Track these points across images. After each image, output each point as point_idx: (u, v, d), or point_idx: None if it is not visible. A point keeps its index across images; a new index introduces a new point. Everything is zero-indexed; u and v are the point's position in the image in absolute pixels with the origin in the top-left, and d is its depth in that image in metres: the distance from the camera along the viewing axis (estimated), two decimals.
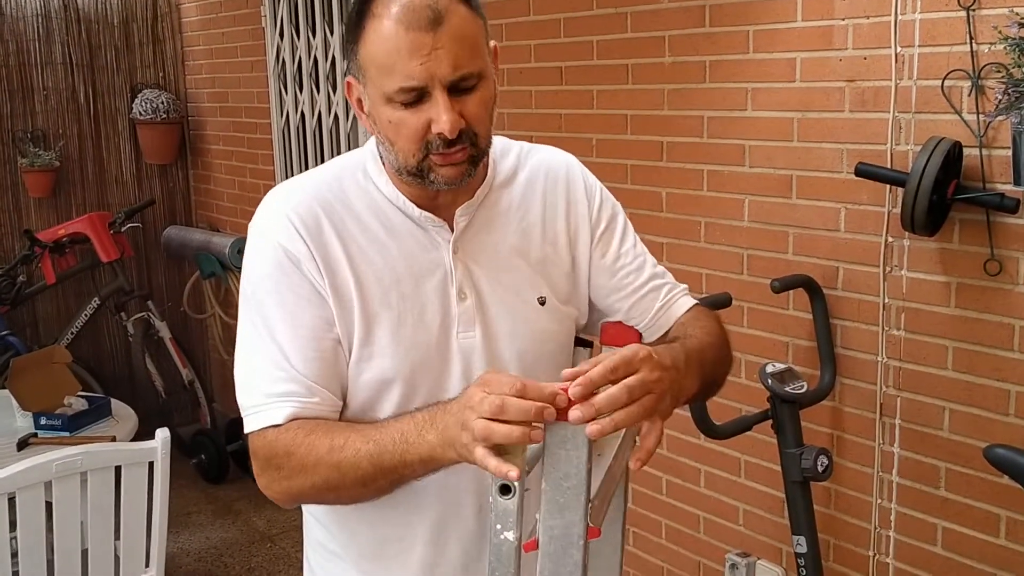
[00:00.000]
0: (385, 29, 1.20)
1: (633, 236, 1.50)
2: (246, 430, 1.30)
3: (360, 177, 1.36)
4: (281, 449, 1.26)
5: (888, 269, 2.28)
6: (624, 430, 1.34)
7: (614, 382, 1.07)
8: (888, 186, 2.23)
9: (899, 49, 2.18)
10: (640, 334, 1.41)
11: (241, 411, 1.31)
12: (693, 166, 2.69)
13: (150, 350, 4.83)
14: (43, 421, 3.02)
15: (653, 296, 1.46)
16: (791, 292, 2.46)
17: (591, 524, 1.07)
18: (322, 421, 1.27)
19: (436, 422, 1.16)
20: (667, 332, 1.45)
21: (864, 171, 2.19)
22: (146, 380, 4.77)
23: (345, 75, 1.31)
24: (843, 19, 2.28)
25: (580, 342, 1.52)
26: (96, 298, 4.79)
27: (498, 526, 1.08)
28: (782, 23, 2.41)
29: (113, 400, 3.32)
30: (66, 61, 4.85)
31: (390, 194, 1.35)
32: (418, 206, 1.34)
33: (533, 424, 1.05)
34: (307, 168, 1.41)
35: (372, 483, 1.22)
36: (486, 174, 1.40)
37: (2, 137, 4.73)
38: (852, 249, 2.35)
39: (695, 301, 1.50)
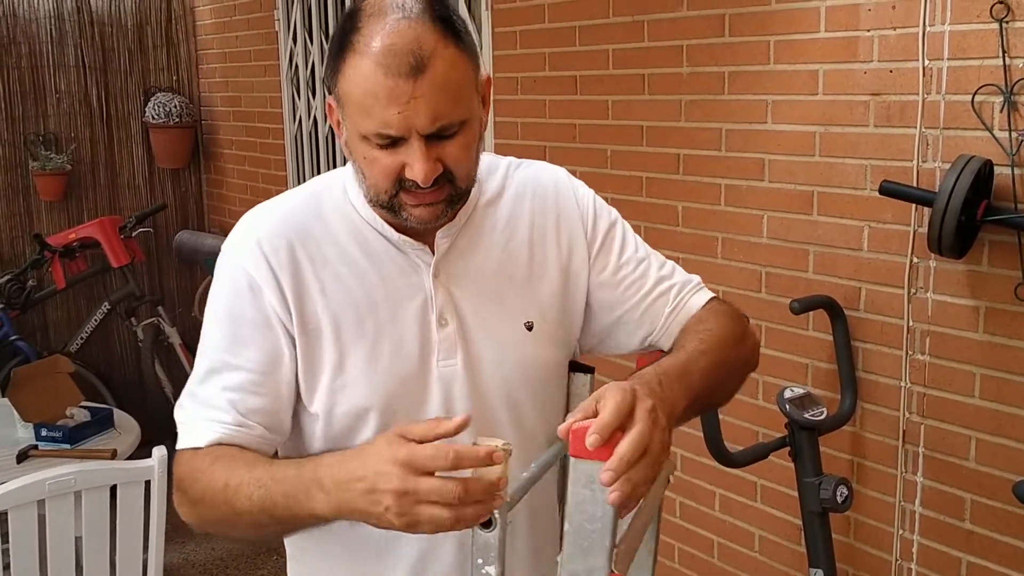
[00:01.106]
0: (365, 69, 1.13)
1: (634, 242, 1.41)
2: (175, 447, 1.27)
3: (339, 198, 1.31)
4: (188, 473, 1.22)
5: (913, 291, 2.19)
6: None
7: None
8: (914, 205, 2.14)
9: (927, 62, 2.09)
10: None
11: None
12: (710, 180, 2.60)
13: (160, 356, 4.78)
14: (44, 433, 2.97)
15: (662, 302, 1.37)
16: (811, 313, 2.37)
17: (615, 571, 1.01)
18: (231, 451, 1.22)
19: (324, 485, 1.09)
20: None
21: (889, 189, 2.10)
22: (156, 386, 4.72)
23: (326, 95, 1.25)
24: (868, 30, 2.19)
25: (579, 367, 1.44)
26: (106, 303, 4.76)
27: (479, 560, 1.03)
28: (805, 33, 2.32)
29: (116, 411, 3.27)
30: (79, 64, 4.82)
31: (368, 216, 1.29)
32: (397, 229, 1.28)
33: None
34: (319, 173, 1.37)
35: (265, 528, 1.19)
36: (474, 180, 1.32)
37: (14, 140, 4.70)
38: (875, 269, 2.26)
39: (709, 296, 1.40)
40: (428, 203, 1.20)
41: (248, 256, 1.26)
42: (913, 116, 2.13)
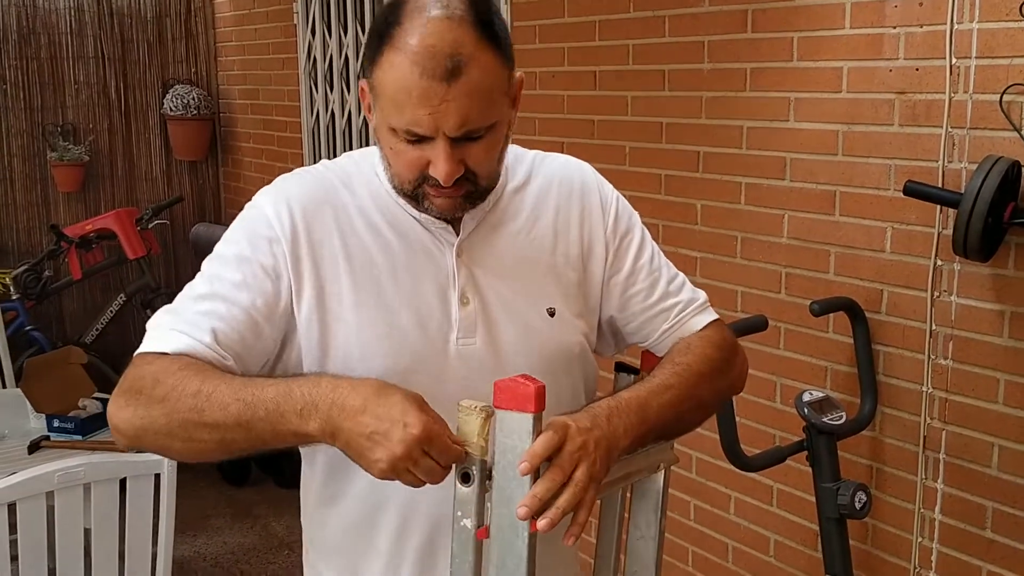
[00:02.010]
0: (401, 66, 1.14)
1: (650, 249, 1.42)
2: (136, 351, 1.22)
3: (368, 172, 1.33)
4: (150, 375, 1.17)
5: (936, 294, 2.15)
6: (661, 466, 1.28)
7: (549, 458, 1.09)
8: (939, 206, 2.10)
9: (954, 60, 2.04)
10: None
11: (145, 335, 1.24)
12: (731, 178, 2.56)
13: None
14: (56, 424, 2.96)
15: (661, 318, 1.39)
16: (831, 315, 2.33)
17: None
18: (203, 364, 1.18)
19: (320, 409, 1.09)
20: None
21: (914, 190, 2.05)
22: None
23: (359, 76, 1.25)
24: (894, 27, 2.15)
25: (624, 368, 1.45)
26: (122, 295, 4.76)
27: (459, 513, 1.10)
28: (829, 30, 2.28)
29: None
30: (98, 55, 4.82)
31: (394, 193, 1.30)
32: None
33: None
34: None
35: (230, 445, 1.15)
36: (498, 179, 1.33)
37: (32, 130, 4.71)
38: (898, 271, 2.22)
39: (711, 318, 1.41)
40: (448, 196, 1.23)
41: (275, 209, 1.27)
42: (939, 115, 2.08)
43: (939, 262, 2.13)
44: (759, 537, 2.63)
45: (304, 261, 1.26)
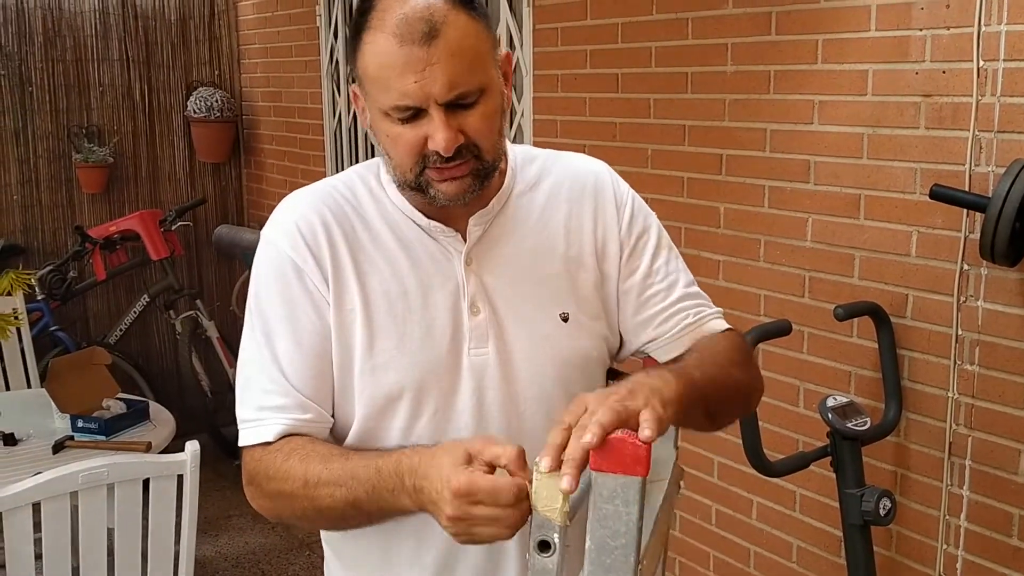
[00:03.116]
0: (380, 42, 1.15)
1: (667, 251, 1.39)
2: (239, 443, 1.27)
3: (374, 184, 1.32)
4: (263, 470, 1.23)
5: (963, 299, 2.12)
6: (667, 478, 1.23)
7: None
8: (965, 210, 2.07)
9: (982, 63, 2.02)
10: None
11: (238, 422, 1.28)
12: (754, 181, 2.55)
13: (197, 349, 4.81)
14: (80, 424, 2.98)
15: (683, 315, 1.35)
16: (856, 319, 2.31)
17: None
18: (303, 443, 1.23)
19: (405, 486, 1.09)
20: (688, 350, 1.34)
21: (940, 194, 2.03)
22: (192, 379, 4.75)
23: (349, 84, 1.25)
24: (921, 29, 2.13)
25: (619, 375, 1.41)
26: (145, 295, 4.79)
27: None
28: (854, 32, 2.26)
29: (152, 404, 3.28)
30: (123, 57, 4.85)
31: (400, 203, 1.30)
32: (428, 216, 1.28)
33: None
34: None
35: (352, 521, 1.20)
36: (503, 182, 1.32)
37: (58, 132, 4.74)
38: (924, 276, 2.20)
39: (727, 327, 1.38)
40: (454, 177, 1.20)
41: (288, 241, 1.27)
42: (966, 118, 2.06)
43: (965, 266, 2.11)
44: (781, 542, 2.61)
45: (329, 279, 1.26)
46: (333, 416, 1.29)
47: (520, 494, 1.00)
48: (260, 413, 1.25)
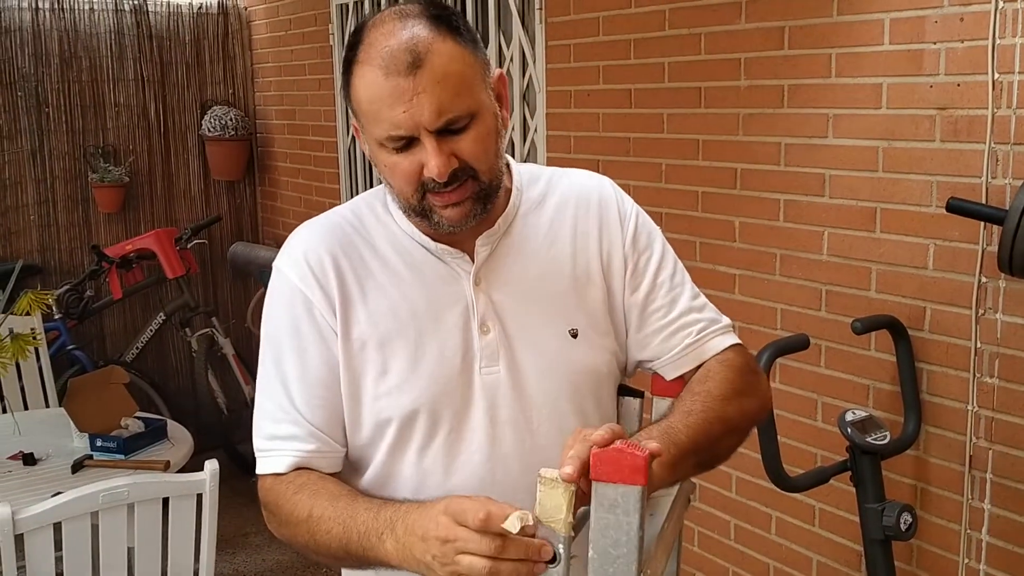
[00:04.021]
0: (368, 76, 1.17)
1: (672, 265, 1.38)
2: (256, 471, 1.31)
3: (380, 211, 1.34)
4: (273, 499, 1.28)
5: (981, 312, 2.12)
6: (677, 488, 1.24)
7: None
8: (983, 223, 2.07)
9: (997, 75, 2.02)
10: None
11: (255, 450, 1.33)
12: (769, 195, 2.55)
13: (213, 366, 4.82)
14: (99, 443, 2.99)
15: (684, 333, 1.35)
16: (873, 333, 2.30)
17: None
18: (314, 479, 1.26)
19: (396, 533, 1.11)
20: (688, 371, 1.35)
21: (957, 207, 2.03)
22: (209, 396, 4.76)
23: (351, 120, 1.28)
24: (935, 43, 2.13)
25: (629, 392, 1.41)
26: (161, 313, 4.81)
27: None
28: (867, 46, 2.26)
29: (169, 422, 3.29)
30: (138, 77, 4.89)
31: (407, 228, 1.31)
32: (434, 239, 1.30)
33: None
34: (372, 187, 1.40)
35: (343, 561, 1.22)
36: (508, 202, 1.33)
37: (74, 152, 4.78)
38: (941, 289, 2.19)
39: (733, 342, 1.37)
40: (455, 203, 1.22)
41: (296, 271, 1.30)
42: (982, 131, 2.06)
43: (984, 279, 2.10)
44: (801, 557, 2.60)
45: (337, 310, 1.28)
46: (347, 445, 1.31)
47: (504, 545, 1.00)
48: (271, 443, 1.29)
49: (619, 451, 0.95)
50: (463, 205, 1.22)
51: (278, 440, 1.28)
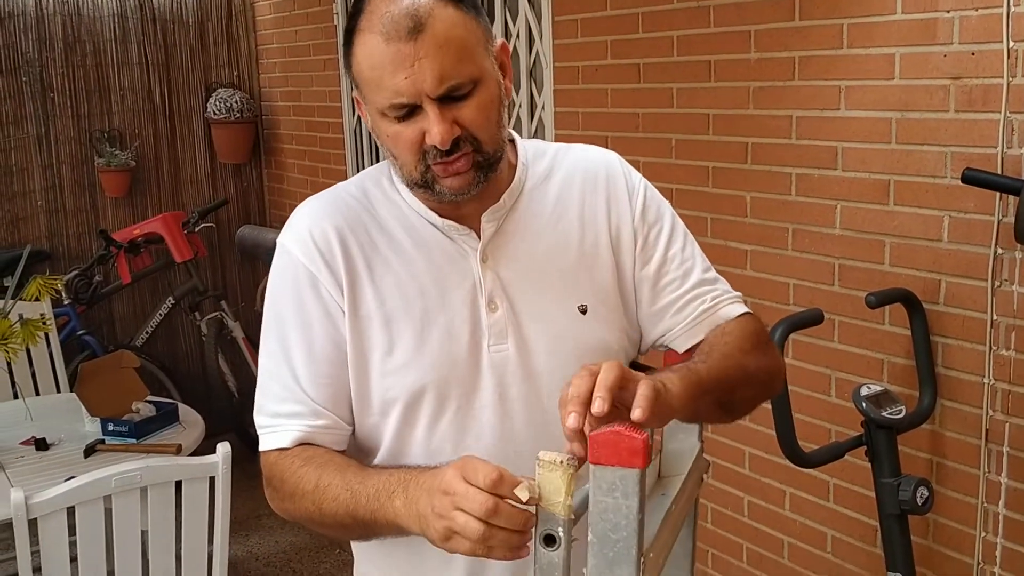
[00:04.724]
0: (369, 43, 1.16)
1: (682, 238, 1.37)
2: (259, 448, 1.30)
3: (386, 186, 1.33)
4: (277, 473, 1.26)
5: (997, 283, 2.09)
6: (690, 467, 1.22)
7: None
8: (998, 193, 2.04)
9: (1012, 44, 1.99)
10: None
11: (256, 428, 1.31)
12: (780, 169, 2.52)
13: (223, 350, 4.82)
14: (111, 427, 2.99)
15: (698, 303, 1.34)
16: (887, 307, 2.28)
17: None
18: (321, 452, 1.25)
19: (408, 490, 1.10)
20: (701, 341, 1.33)
21: (972, 177, 2.00)
22: (219, 380, 4.76)
23: (352, 91, 1.26)
24: (948, 11, 2.10)
25: (641, 368, 1.38)
26: (170, 298, 4.81)
27: None
28: (879, 16, 2.23)
29: (181, 405, 3.29)
30: (142, 61, 4.87)
31: (413, 203, 1.30)
32: (441, 215, 1.28)
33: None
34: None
35: (349, 530, 1.21)
36: (514, 177, 1.32)
37: (80, 137, 4.77)
38: (956, 261, 2.17)
39: (744, 311, 1.36)
40: (458, 172, 1.20)
41: (301, 248, 1.28)
42: (997, 100, 2.03)
43: (999, 250, 2.08)
44: (816, 533, 2.59)
45: (343, 287, 1.26)
46: (353, 423, 1.30)
47: (495, 509, 0.98)
48: (275, 420, 1.27)
49: (617, 433, 0.93)
50: (465, 175, 1.21)
51: (281, 418, 1.27)
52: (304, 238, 1.28)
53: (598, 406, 0.98)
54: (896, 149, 2.25)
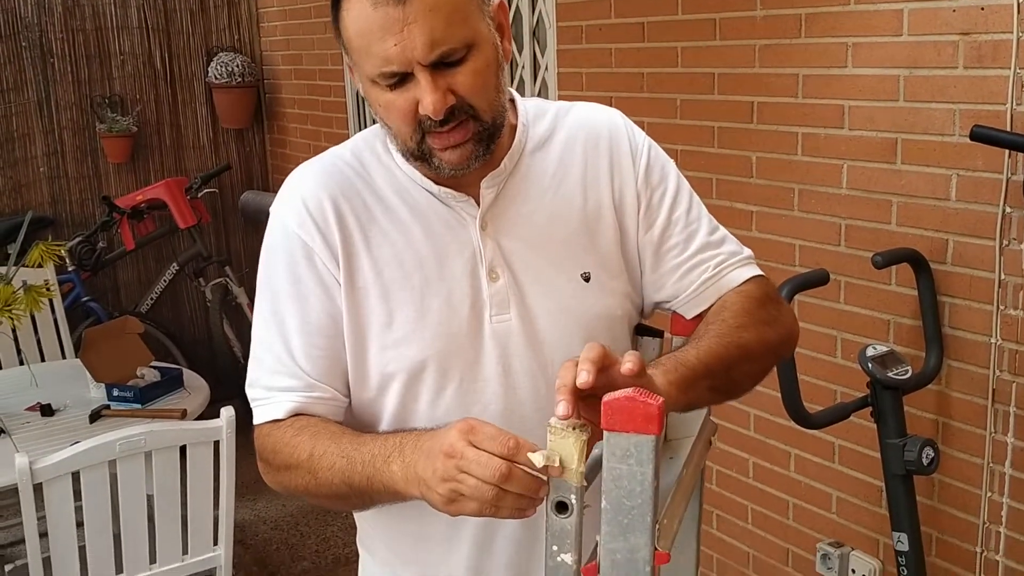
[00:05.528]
0: (356, 8, 1.10)
1: (688, 200, 1.32)
2: (253, 421, 1.27)
3: (381, 151, 1.27)
4: (270, 445, 1.23)
5: (1005, 242, 2.07)
6: (698, 430, 1.21)
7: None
8: (1007, 151, 2.01)
9: None
10: None
11: (249, 401, 1.28)
12: (786, 128, 2.49)
13: (228, 315, 4.82)
14: (115, 393, 3.00)
15: (701, 269, 1.29)
16: (894, 267, 2.26)
17: (659, 548, 0.94)
18: (315, 422, 1.22)
19: (404, 454, 1.08)
20: (708, 308, 1.29)
21: (980, 134, 1.97)
22: (224, 345, 4.77)
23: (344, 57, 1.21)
24: None
25: (647, 331, 1.37)
26: (175, 264, 4.80)
27: (554, 547, 0.96)
28: None
29: (185, 371, 3.29)
30: (142, 25, 4.82)
31: (408, 170, 1.25)
32: (437, 182, 1.23)
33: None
34: None
35: (346, 499, 1.19)
36: (514, 140, 1.27)
37: (81, 103, 4.74)
38: (964, 220, 2.14)
39: (754, 273, 1.32)
40: (455, 144, 1.15)
41: (295, 217, 1.24)
42: (1007, 56, 2.00)
43: (1008, 209, 2.05)
44: (821, 494, 2.59)
45: (339, 258, 1.22)
46: (349, 396, 1.27)
47: (509, 474, 0.96)
48: (269, 393, 1.25)
49: (631, 399, 0.91)
50: (464, 147, 1.15)
51: (275, 391, 1.24)
52: (298, 207, 1.23)
53: (583, 377, 0.95)
54: (904, 107, 2.21)
